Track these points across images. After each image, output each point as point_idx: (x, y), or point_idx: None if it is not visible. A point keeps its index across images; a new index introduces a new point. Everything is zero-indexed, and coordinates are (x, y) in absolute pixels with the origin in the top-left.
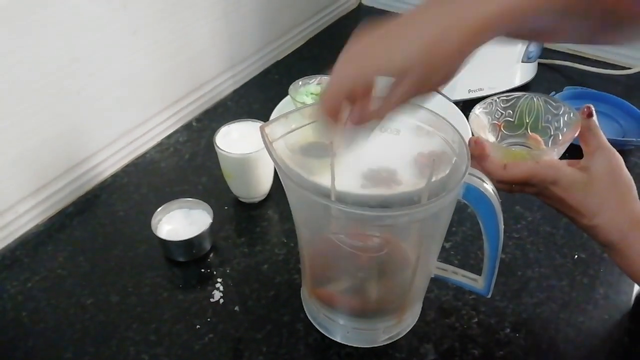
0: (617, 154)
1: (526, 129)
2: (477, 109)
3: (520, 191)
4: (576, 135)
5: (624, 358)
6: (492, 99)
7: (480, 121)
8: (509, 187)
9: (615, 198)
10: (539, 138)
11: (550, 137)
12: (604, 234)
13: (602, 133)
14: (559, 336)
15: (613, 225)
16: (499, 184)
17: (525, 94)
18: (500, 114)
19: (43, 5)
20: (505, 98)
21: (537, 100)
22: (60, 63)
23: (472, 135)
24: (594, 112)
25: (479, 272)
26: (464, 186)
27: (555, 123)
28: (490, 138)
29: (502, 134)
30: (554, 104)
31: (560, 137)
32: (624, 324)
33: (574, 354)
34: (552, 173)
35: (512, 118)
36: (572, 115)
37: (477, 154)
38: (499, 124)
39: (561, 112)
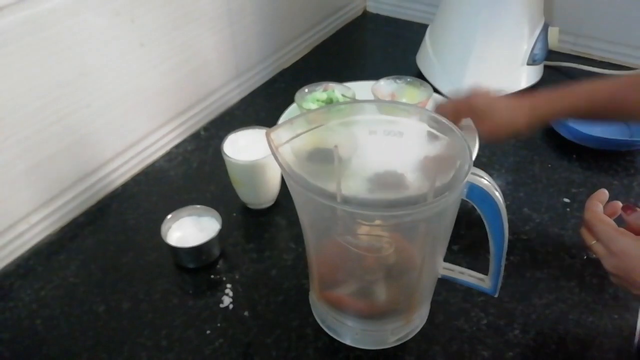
0: None
1: None
2: None
3: (591, 247)
4: None
5: (634, 358)
6: None
7: None
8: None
9: None
10: None
11: None
12: None
13: None
14: (568, 337)
15: None
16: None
17: None
18: None
19: (55, 21)
20: None
21: None
22: (71, 76)
23: None
24: (634, 208)
25: (487, 274)
26: (468, 185)
27: None
28: None
29: None
30: None
31: None
32: (633, 323)
33: (583, 354)
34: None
35: None
36: None
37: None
38: None
39: None
